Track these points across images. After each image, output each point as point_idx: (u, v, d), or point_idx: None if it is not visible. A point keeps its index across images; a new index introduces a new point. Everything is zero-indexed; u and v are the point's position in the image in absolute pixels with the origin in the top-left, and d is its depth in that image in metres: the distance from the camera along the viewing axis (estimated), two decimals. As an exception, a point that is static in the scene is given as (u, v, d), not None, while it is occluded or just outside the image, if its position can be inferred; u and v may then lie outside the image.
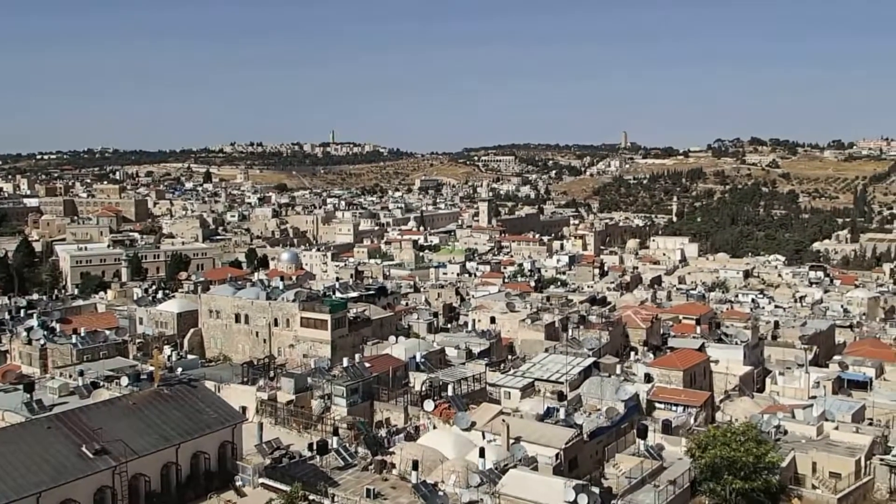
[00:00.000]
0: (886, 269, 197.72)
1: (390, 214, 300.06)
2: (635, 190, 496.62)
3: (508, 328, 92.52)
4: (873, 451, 51.89)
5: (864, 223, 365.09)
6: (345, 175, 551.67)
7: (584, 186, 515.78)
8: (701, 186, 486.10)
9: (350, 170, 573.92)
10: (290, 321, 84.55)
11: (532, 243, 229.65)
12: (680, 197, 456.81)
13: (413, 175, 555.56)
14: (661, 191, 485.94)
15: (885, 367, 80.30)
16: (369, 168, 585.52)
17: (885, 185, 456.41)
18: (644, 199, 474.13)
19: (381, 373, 64.76)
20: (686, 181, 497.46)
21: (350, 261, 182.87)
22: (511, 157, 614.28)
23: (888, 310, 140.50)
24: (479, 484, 44.88)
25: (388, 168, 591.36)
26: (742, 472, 44.59)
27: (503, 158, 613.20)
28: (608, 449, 52.51)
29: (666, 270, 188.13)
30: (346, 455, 49.75)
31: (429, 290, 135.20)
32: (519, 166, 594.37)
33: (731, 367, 76.76)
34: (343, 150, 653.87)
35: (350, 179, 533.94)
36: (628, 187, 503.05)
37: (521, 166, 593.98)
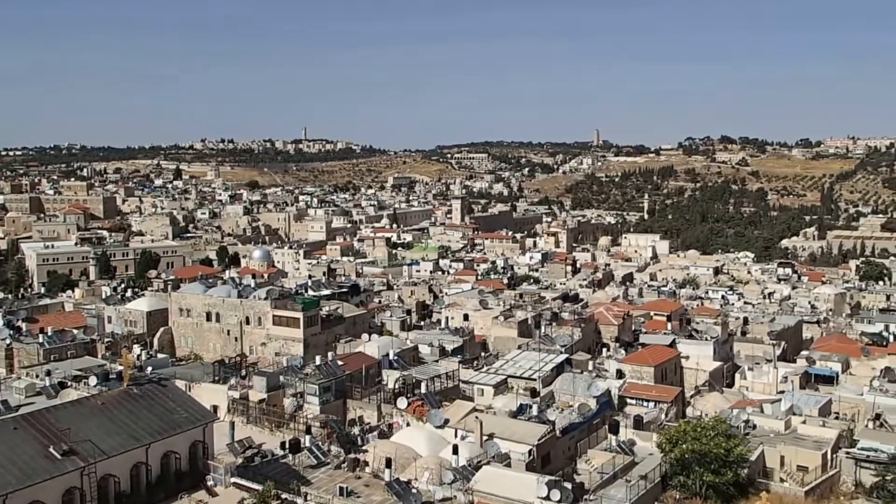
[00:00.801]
0: (852, 266, 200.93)
1: (363, 212, 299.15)
2: (607, 187, 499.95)
3: (481, 325, 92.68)
4: (839, 444, 52.75)
5: (831, 221, 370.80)
6: (317, 172, 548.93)
7: (556, 184, 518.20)
8: (672, 184, 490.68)
9: (322, 167, 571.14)
10: (261, 319, 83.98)
11: (505, 241, 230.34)
12: (651, 194, 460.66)
13: (386, 172, 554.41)
14: (633, 188, 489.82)
15: (850, 362, 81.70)
16: (342, 165, 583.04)
17: (851, 183, 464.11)
18: (616, 197, 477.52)
19: (353, 371, 64.64)
20: (657, 179, 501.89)
21: (322, 258, 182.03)
22: (484, 155, 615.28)
23: (854, 306, 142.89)
24: (452, 481, 44.98)
25: (360, 165, 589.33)
26: (712, 466, 45.13)
27: (476, 156, 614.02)
28: (580, 445, 52.86)
29: (637, 267, 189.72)
30: (318, 453, 49.58)
31: (402, 287, 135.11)
32: (492, 164, 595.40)
33: (701, 363, 77.60)
34: (315, 148, 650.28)
35: (322, 177, 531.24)
36: (600, 185, 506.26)
37: (494, 164, 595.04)
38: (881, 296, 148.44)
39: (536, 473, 45.59)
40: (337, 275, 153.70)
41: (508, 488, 43.40)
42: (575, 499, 42.20)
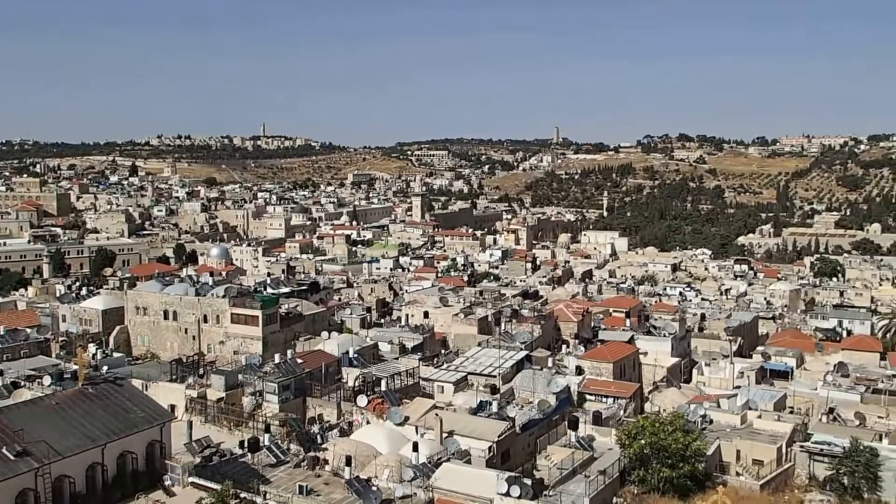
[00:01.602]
0: (807, 263, 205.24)
1: (322, 209, 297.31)
2: (567, 185, 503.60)
3: (442, 323, 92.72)
4: (794, 438, 53.71)
5: (787, 218, 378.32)
6: (276, 169, 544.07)
7: (516, 181, 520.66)
8: (631, 182, 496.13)
9: (281, 164, 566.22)
10: (220, 317, 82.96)
11: (465, 238, 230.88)
12: (610, 192, 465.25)
13: (346, 169, 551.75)
14: (592, 186, 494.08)
15: (805, 357, 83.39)
16: (301, 162, 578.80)
17: (806, 180, 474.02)
18: (575, 194, 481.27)
19: (313, 369, 64.18)
20: (616, 176, 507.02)
21: (281, 256, 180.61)
22: (444, 152, 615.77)
23: (808, 302, 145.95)
24: (412, 478, 44.91)
25: (320, 162, 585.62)
26: (670, 461, 45.65)
27: (436, 153, 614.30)
28: (540, 441, 53.07)
29: (597, 264, 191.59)
30: (277, 452, 49.12)
31: (362, 285, 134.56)
32: (452, 161, 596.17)
33: (659, 359, 78.57)
34: (274, 144, 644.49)
35: (281, 173, 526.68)
36: (560, 182, 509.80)
37: (454, 161, 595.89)
38: (835, 292, 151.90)
39: (496, 470, 45.68)
40: (296, 272, 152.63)
41: (468, 485, 43.47)
42: (534, 494, 42.41)
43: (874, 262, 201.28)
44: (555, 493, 43.07)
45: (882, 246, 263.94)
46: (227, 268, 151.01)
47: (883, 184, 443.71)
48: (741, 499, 44.50)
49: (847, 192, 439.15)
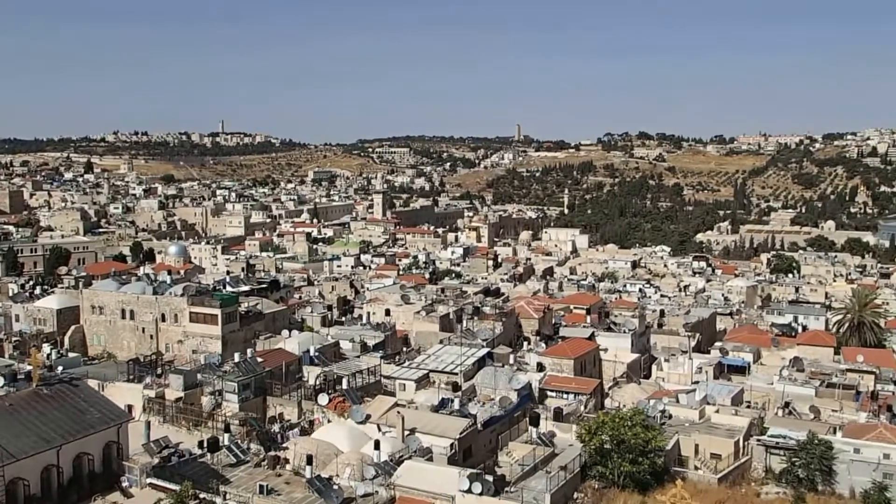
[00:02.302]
0: (763, 259, 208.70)
1: (283, 206, 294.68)
2: (528, 182, 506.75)
3: (403, 320, 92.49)
4: (751, 432, 54.62)
5: (744, 215, 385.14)
6: (235, 166, 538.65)
7: (478, 179, 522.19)
8: (591, 179, 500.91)
9: (241, 161, 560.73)
10: (178, 316, 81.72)
11: (427, 235, 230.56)
12: (571, 189, 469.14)
13: (306, 166, 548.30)
14: (554, 183, 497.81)
15: (761, 353, 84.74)
16: (261, 159, 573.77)
17: (762, 178, 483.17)
18: (537, 192, 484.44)
19: (273, 367, 63.54)
20: (577, 174, 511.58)
21: (241, 254, 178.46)
22: (406, 149, 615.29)
23: (765, 298, 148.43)
24: (374, 476, 44.81)
25: (280, 159, 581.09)
26: (630, 456, 46.10)
27: (398, 150, 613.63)
28: (502, 437, 53.23)
29: (558, 261, 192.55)
30: (237, 452, 48.63)
31: (323, 283, 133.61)
32: (413, 158, 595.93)
33: (619, 355, 79.29)
34: (233, 141, 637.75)
35: (241, 171, 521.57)
36: (521, 180, 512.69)
37: (415, 158, 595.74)
38: (790, 288, 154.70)
39: (458, 467, 45.75)
40: (256, 270, 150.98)
41: (430, 482, 43.47)
42: (496, 491, 42.53)
43: (828, 258, 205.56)
44: (516, 490, 43.23)
45: (836, 243, 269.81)
46: (185, 266, 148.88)
47: (837, 182, 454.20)
48: (699, 492, 45.09)
49: (802, 189, 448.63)
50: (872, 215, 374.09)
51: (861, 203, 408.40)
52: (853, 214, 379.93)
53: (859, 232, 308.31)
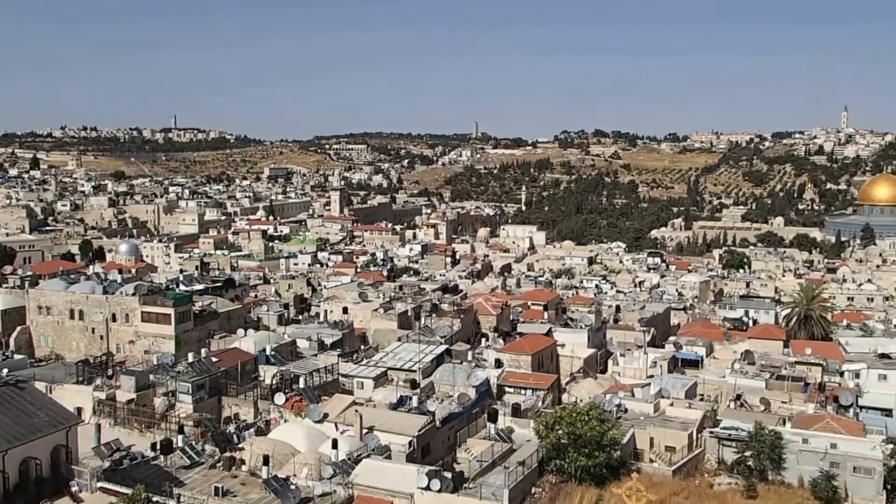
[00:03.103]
0: (716, 255, 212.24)
1: (238, 204, 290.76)
2: (486, 179, 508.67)
3: (361, 318, 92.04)
4: (704, 424, 55.45)
5: (697, 212, 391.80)
6: (188, 162, 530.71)
7: (436, 176, 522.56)
8: (548, 176, 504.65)
9: (194, 157, 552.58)
10: (129, 316, 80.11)
11: (384, 233, 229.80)
12: (528, 186, 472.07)
13: (262, 163, 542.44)
14: (511, 180, 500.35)
15: (714, 346, 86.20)
16: (215, 155, 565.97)
17: (715, 175, 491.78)
18: (494, 189, 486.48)
19: (229, 367, 62.65)
20: (534, 171, 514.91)
21: (195, 252, 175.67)
22: (363, 146, 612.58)
23: (717, 293, 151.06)
24: (332, 475, 44.45)
25: (234, 156, 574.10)
26: (586, 450, 46.47)
27: (355, 147, 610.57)
28: (460, 434, 53.30)
29: (515, 258, 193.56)
30: (192, 453, 47.78)
31: (279, 281, 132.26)
32: (371, 155, 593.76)
33: (576, 351, 79.92)
34: (186, 137, 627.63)
35: (194, 167, 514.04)
36: (479, 177, 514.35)
37: (373, 155, 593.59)
38: (741, 283, 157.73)
39: (416, 464, 45.66)
40: (210, 269, 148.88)
41: (389, 480, 43.32)
42: (454, 487, 42.54)
43: (778, 254, 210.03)
44: (475, 486, 43.28)
45: (785, 239, 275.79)
46: (136, 265, 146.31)
47: (786, 179, 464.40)
48: (654, 484, 45.62)
49: (753, 186, 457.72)
50: (819, 212, 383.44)
51: (808, 200, 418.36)
52: (801, 211, 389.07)
53: (807, 228, 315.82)
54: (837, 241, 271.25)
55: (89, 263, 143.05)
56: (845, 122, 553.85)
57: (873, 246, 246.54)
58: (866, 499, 46.99)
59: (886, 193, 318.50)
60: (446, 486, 42.08)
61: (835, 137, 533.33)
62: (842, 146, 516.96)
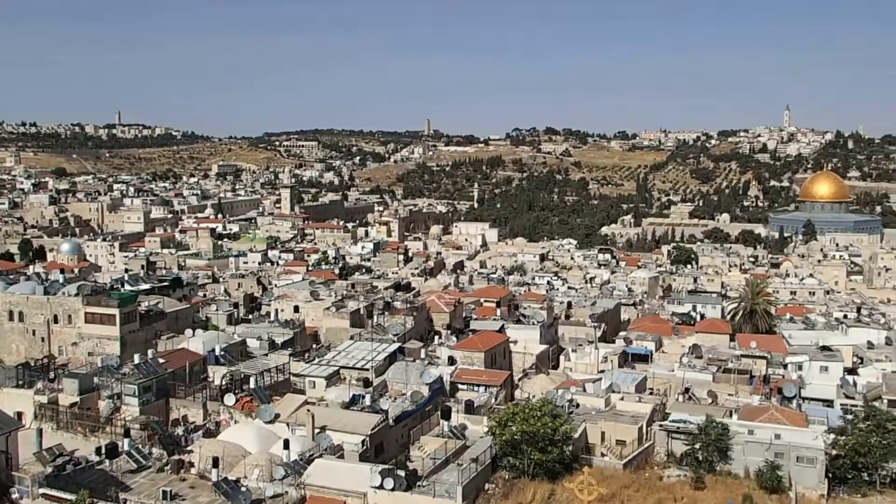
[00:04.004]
0: (664, 251, 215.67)
1: (185, 201, 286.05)
2: (438, 177, 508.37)
3: (313, 317, 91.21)
4: (653, 418, 56.26)
5: (646, 209, 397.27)
6: (133, 159, 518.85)
7: (388, 173, 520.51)
8: (500, 174, 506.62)
9: (139, 154, 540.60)
10: (72, 317, 77.98)
11: (336, 230, 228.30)
12: (481, 184, 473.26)
13: (210, 160, 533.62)
14: (463, 178, 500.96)
15: (663, 341, 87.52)
16: (161, 152, 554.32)
17: (663, 173, 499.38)
18: (447, 186, 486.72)
19: (176, 368, 61.52)
20: (486, 168, 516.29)
21: (141, 251, 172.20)
22: (314, 143, 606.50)
23: (666, 288, 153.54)
24: (283, 476, 43.99)
25: (181, 152, 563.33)
26: (540, 446, 46.74)
27: (306, 144, 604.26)
28: (413, 432, 53.18)
29: (468, 255, 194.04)
30: (138, 457, 46.77)
31: (228, 280, 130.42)
32: (322, 152, 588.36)
33: (528, 347, 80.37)
34: (131, 133, 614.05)
35: (139, 164, 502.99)
36: (431, 174, 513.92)
37: (324, 152, 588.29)
38: (689, 278, 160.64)
39: (370, 463, 45.42)
40: (157, 268, 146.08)
41: (341, 480, 43.01)
42: (408, 486, 42.42)
43: (724, 249, 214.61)
44: (428, 483, 43.21)
45: (731, 235, 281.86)
46: (79, 264, 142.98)
47: (731, 176, 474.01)
48: (606, 478, 46.07)
49: (700, 184, 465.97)
50: (763, 208, 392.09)
51: (753, 197, 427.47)
52: (746, 208, 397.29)
53: (751, 224, 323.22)
54: (781, 237, 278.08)
55: (29, 263, 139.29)
56: (788, 120, 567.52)
57: (814, 241, 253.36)
58: (809, 487, 48.15)
59: (827, 190, 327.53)
60: (400, 485, 41.94)
61: (778, 136, 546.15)
62: (784, 144, 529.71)
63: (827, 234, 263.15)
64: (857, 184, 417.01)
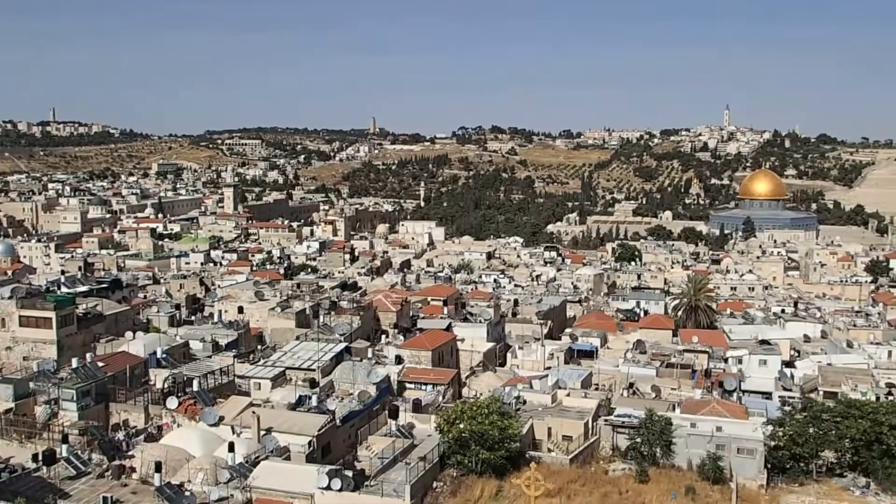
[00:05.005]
0: (609, 248, 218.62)
1: (124, 201, 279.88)
2: (384, 175, 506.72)
3: (257, 317, 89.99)
4: (599, 413, 56.96)
5: (590, 207, 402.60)
6: (69, 158, 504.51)
7: (333, 172, 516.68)
8: (447, 172, 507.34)
9: (76, 152, 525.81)
10: (5, 321, 75.22)
11: (281, 230, 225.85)
12: (427, 182, 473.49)
13: (149, 158, 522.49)
14: (410, 176, 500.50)
15: (608, 337, 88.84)
16: (98, 150, 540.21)
17: (607, 171, 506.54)
18: (393, 185, 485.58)
19: (116, 372, 60.01)
20: (433, 167, 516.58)
21: (78, 252, 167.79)
22: (258, 141, 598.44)
23: (610, 285, 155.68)
24: (228, 479, 43.31)
25: (120, 151, 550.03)
26: (487, 443, 46.90)
27: (249, 142, 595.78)
28: (361, 432, 52.87)
29: (415, 254, 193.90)
30: (77, 463, 45.57)
31: (170, 281, 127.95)
32: (266, 150, 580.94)
33: (475, 345, 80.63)
34: (66, 131, 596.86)
35: (76, 162, 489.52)
36: (377, 173, 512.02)
37: (268, 150, 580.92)
38: (633, 275, 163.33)
39: (317, 464, 44.99)
40: (95, 269, 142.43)
41: (288, 482, 42.56)
42: (356, 486, 42.16)
43: (667, 246, 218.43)
44: (376, 483, 43.03)
45: (673, 232, 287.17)
46: (13, 266, 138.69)
47: (673, 175, 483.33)
48: (552, 473, 46.50)
49: (643, 182, 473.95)
50: (704, 206, 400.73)
51: (694, 195, 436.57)
52: (688, 205, 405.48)
53: (693, 221, 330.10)
54: (721, 234, 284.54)
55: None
56: (727, 120, 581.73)
57: (753, 238, 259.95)
58: (749, 478, 49.33)
59: (765, 188, 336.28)
60: (347, 485, 41.66)
61: (718, 135, 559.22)
62: (724, 143, 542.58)
63: (765, 231, 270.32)
64: (793, 182, 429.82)
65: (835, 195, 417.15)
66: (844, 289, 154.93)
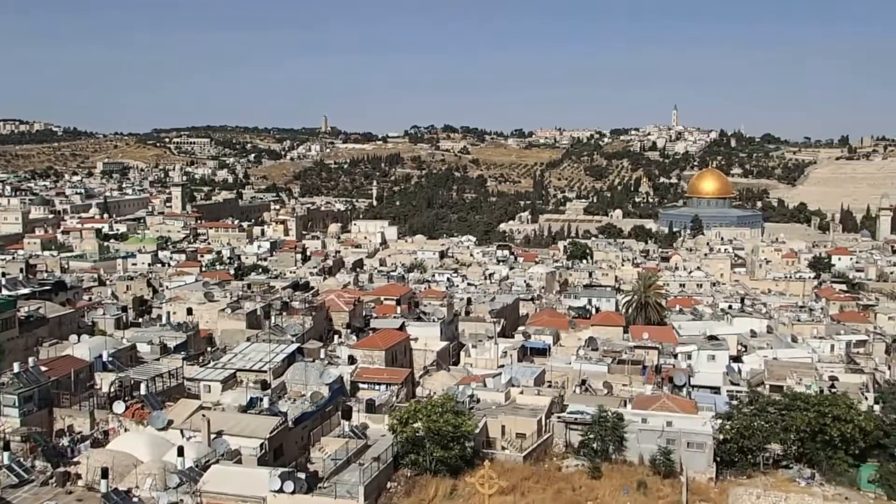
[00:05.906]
0: (561, 247, 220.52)
1: (68, 201, 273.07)
2: (336, 174, 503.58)
3: (207, 319, 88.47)
4: (552, 410, 57.33)
5: (542, 205, 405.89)
6: (9, 156, 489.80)
7: (284, 171, 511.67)
8: (399, 171, 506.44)
9: (16, 150, 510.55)
10: (-56, 325, 72.94)
11: (231, 230, 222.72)
12: (380, 181, 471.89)
13: (94, 157, 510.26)
14: (362, 175, 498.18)
15: (560, 335, 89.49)
16: (40, 149, 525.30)
17: (558, 170, 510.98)
18: (345, 184, 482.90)
19: (60, 376, 58.36)
20: (385, 166, 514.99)
21: (19, 253, 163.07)
22: (206, 140, 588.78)
23: (563, 283, 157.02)
24: (178, 484, 42.60)
25: (63, 149, 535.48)
26: (442, 442, 46.85)
27: (198, 141, 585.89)
28: (314, 433, 52.37)
29: (367, 253, 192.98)
30: (20, 471, 44.24)
31: (116, 282, 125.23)
32: (215, 149, 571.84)
33: (429, 344, 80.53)
34: (7, 129, 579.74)
35: (16, 161, 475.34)
36: (329, 172, 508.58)
37: (217, 149, 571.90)
38: (585, 273, 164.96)
39: (269, 467, 44.44)
40: (37, 271, 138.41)
41: (239, 485, 41.95)
42: (309, 488, 41.75)
43: (617, 244, 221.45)
44: (329, 485, 42.67)
45: (623, 230, 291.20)
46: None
47: (623, 173, 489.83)
48: (506, 471, 46.66)
49: (594, 181, 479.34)
50: (653, 204, 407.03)
51: (644, 193, 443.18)
52: (637, 204, 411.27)
53: (643, 220, 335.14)
54: (670, 232, 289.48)
55: None
56: (675, 120, 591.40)
57: (701, 236, 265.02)
58: (699, 471, 50.16)
59: (712, 187, 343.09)
60: (300, 487, 41.23)
61: (666, 134, 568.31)
62: (672, 142, 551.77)
63: (713, 229, 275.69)
64: (739, 180, 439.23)
65: (779, 193, 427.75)
66: (789, 285, 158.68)
